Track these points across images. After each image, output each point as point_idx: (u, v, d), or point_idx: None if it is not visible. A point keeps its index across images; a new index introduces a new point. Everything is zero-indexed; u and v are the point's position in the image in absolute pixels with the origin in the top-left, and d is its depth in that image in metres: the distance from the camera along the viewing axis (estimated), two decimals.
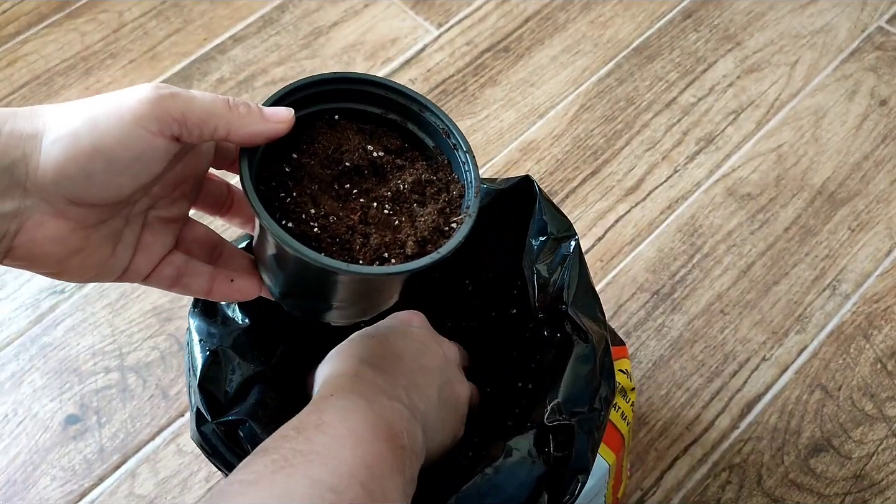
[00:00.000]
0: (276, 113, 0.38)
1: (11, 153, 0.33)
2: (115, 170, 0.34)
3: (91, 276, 0.39)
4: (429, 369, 0.46)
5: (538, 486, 0.39)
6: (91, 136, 0.34)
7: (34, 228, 0.35)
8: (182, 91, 0.35)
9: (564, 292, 0.44)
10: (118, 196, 0.36)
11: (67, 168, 0.34)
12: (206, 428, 0.43)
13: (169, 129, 0.35)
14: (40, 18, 0.95)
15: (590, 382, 0.42)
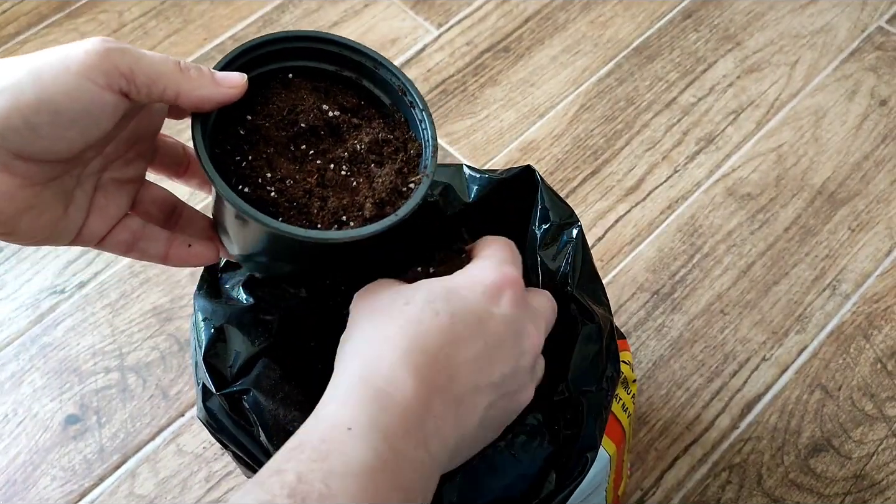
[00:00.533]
0: (227, 78, 0.37)
1: None
2: (61, 123, 0.34)
3: (43, 237, 0.38)
4: (483, 387, 0.36)
5: (546, 464, 0.40)
6: (34, 87, 0.33)
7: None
8: (132, 48, 0.35)
9: (569, 277, 0.44)
10: (68, 151, 0.35)
11: (11, 120, 0.33)
12: (212, 403, 0.43)
13: (117, 83, 0.34)
14: (40, 18, 0.95)
15: (597, 362, 0.42)
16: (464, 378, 0.36)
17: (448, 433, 0.35)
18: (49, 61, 0.33)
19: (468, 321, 0.36)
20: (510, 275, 0.38)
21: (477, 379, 0.36)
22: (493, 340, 0.37)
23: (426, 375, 0.35)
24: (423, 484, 0.34)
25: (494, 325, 0.37)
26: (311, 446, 0.32)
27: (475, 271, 0.38)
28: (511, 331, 0.37)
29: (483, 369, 0.36)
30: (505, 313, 0.37)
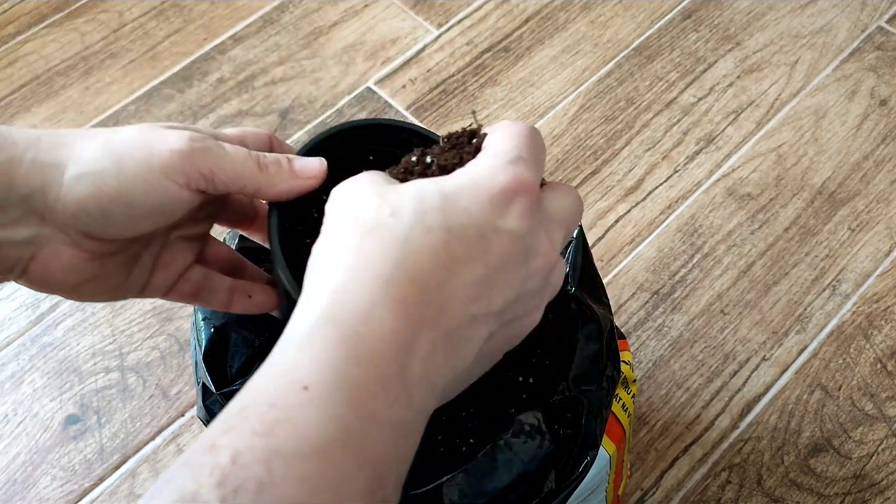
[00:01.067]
0: (306, 168, 0.37)
1: (32, 182, 0.33)
2: (134, 214, 0.34)
3: (107, 298, 0.38)
4: (481, 317, 0.30)
5: (546, 463, 0.40)
6: (117, 178, 0.33)
7: (49, 257, 0.35)
8: (215, 146, 0.35)
9: (569, 276, 0.44)
10: (135, 235, 0.35)
11: (88, 206, 0.33)
12: (212, 402, 0.43)
13: (195, 183, 0.34)
14: (40, 18, 0.95)
15: (597, 362, 0.42)
16: (457, 309, 0.30)
17: (436, 375, 0.29)
18: (133, 154, 0.33)
19: (467, 239, 0.30)
20: (523, 177, 0.31)
21: (474, 309, 0.30)
22: (497, 262, 0.30)
23: (412, 311, 0.28)
24: (401, 450, 0.28)
25: (499, 244, 0.30)
26: (256, 413, 0.25)
27: (481, 171, 0.31)
28: (519, 250, 0.31)
29: (481, 297, 0.30)
30: (512, 228, 0.31)
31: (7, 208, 0.33)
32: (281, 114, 0.86)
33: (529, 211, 0.31)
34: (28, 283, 0.36)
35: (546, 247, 0.32)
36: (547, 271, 0.32)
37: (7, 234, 0.33)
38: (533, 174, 0.32)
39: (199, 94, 0.88)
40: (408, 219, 0.30)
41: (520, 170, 0.31)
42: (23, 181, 0.33)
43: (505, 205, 0.31)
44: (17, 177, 0.32)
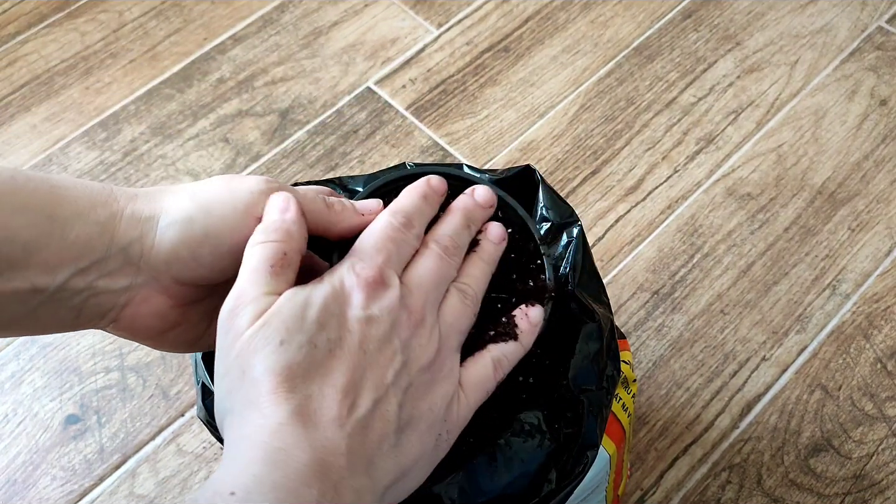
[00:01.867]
0: (366, 206, 0.40)
1: (130, 234, 0.35)
2: (220, 254, 0.36)
3: (186, 348, 0.41)
4: (378, 399, 0.33)
5: (546, 463, 0.40)
6: (204, 222, 0.36)
7: (140, 303, 0.37)
8: (288, 187, 0.38)
9: (569, 277, 0.44)
10: (220, 278, 0.37)
11: (179, 250, 0.36)
12: (211, 402, 0.43)
13: None
14: (40, 18, 0.95)
15: (597, 361, 0.42)
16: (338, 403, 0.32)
17: (362, 463, 0.32)
18: (218, 198, 0.36)
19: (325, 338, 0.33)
20: (355, 280, 0.34)
21: (363, 398, 0.33)
22: (359, 356, 0.33)
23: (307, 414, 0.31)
24: None
25: (358, 338, 0.33)
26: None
27: (327, 279, 0.35)
28: (375, 336, 0.34)
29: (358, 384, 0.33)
30: (361, 319, 0.34)
31: (108, 259, 0.35)
32: (281, 114, 0.86)
33: (372, 301, 0.34)
34: (116, 329, 0.38)
35: (406, 320, 0.35)
36: (411, 331, 0.35)
37: (107, 284, 0.36)
38: (372, 271, 0.35)
39: (199, 94, 0.88)
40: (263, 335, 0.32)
41: (357, 272, 0.35)
42: (122, 234, 0.35)
43: (347, 305, 0.34)
44: (117, 230, 0.35)
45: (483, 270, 0.40)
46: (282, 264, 0.34)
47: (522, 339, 0.39)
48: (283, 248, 0.35)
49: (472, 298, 0.38)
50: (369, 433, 0.32)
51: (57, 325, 0.36)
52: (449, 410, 0.36)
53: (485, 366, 0.38)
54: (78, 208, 0.35)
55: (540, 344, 0.44)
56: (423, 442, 0.34)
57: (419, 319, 0.35)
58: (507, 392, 0.44)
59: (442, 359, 0.36)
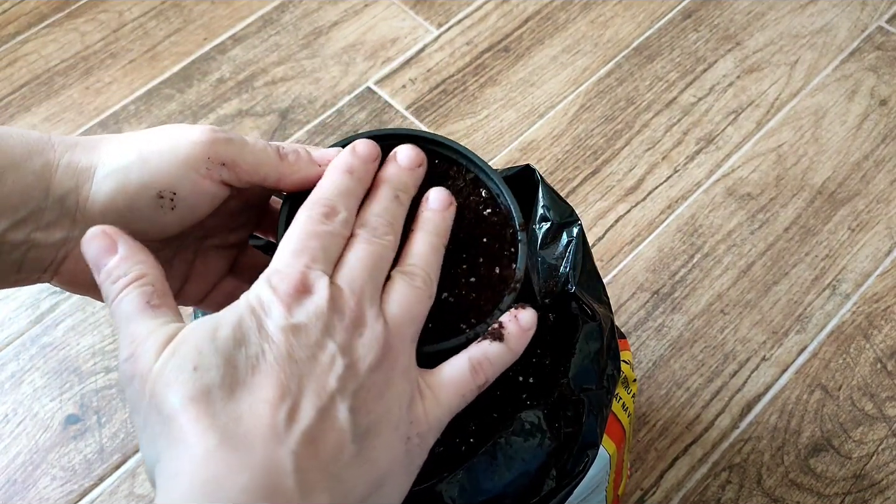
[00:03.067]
0: (325, 156, 0.38)
1: (66, 184, 0.34)
2: (158, 206, 0.35)
3: None
4: (327, 395, 0.30)
5: (547, 462, 0.40)
6: (141, 171, 0.34)
7: (80, 257, 0.35)
8: (236, 137, 0.36)
9: (570, 276, 0.44)
10: (163, 234, 0.36)
11: (116, 201, 0.34)
12: None
13: (218, 173, 0.35)
14: (40, 18, 0.95)
15: (598, 360, 0.42)
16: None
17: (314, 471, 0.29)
18: (157, 148, 0.34)
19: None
20: (271, 293, 0.31)
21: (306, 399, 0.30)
22: (288, 366, 0.30)
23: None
24: None
25: (284, 348, 0.30)
26: None
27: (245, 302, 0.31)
28: (305, 343, 0.31)
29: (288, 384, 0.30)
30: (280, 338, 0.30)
31: (44, 211, 0.34)
32: (281, 114, 0.86)
33: (296, 307, 0.31)
34: (60, 283, 0.37)
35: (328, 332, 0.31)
36: (348, 334, 0.31)
37: (44, 236, 0.34)
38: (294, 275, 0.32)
39: (199, 94, 0.88)
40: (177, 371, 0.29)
41: (273, 283, 0.32)
42: (58, 184, 0.34)
43: (266, 317, 0.31)
44: (53, 180, 0.34)
45: (430, 244, 0.36)
46: (158, 296, 0.32)
47: (510, 343, 0.36)
48: (147, 281, 0.32)
49: (421, 279, 0.34)
50: (320, 445, 0.29)
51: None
52: (412, 411, 0.32)
53: (459, 366, 0.34)
54: (13, 158, 0.33)
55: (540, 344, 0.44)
56: (390, 447, 0.31)
57: (356, 318, 0.32)
58: (507, 392, 0.44)
59: (395, 354, 0.32)
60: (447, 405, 0.34)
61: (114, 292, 0.32)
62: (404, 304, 0.33)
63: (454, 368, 0.34)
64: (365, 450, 0.30)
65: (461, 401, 0.34)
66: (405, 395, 0.32)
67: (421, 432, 0.32)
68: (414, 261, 0.35)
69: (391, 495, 0.32)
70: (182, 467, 0.27)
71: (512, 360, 0.36)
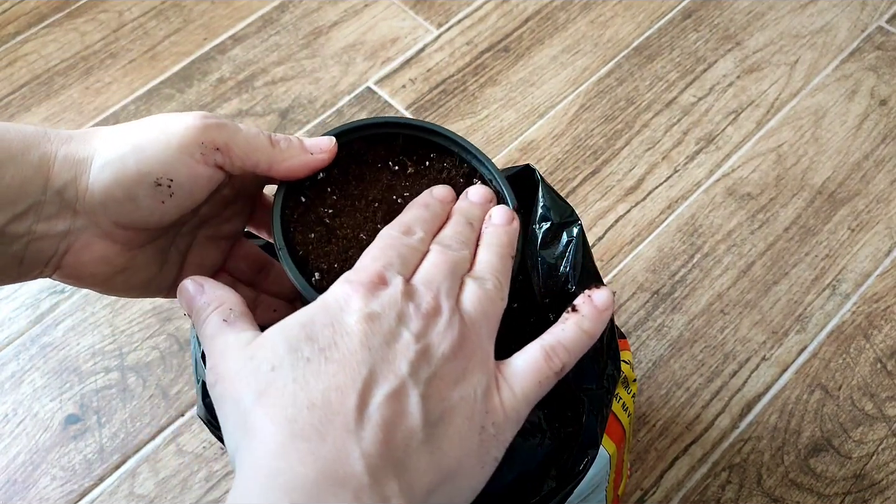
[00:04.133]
0: (316, 144, 0.38)
1: (64, 176, 0.35)
2: (156, 193, 0.35)
3: (137, 292, 0.40)
4: (392, 392, 0.30)
5: (547, 462, 0.40)
6: (137, 160, 0.35)
7: (82, 249, 0.36)
8: (228, 122, 0.36)
9: (570, 276, 0.44)
10: (162, 221, 0.36)
11: (114, 191, 0.35)
12: (210, 401, 0.43)
13: (212, 157, 0.36)
14: (40, 18, 0.95)
15: (598, 360, 0.42)
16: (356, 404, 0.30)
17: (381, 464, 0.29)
18: (151, 135, 0.35)
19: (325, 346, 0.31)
20: (347, 287, 0.33)
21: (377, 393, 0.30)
22: (362, 354, 0.31)
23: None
24: None
25: (358, 337, 0.31)
26: None
27: (329, 294, 0.33)
28: (379, 331, 0.31)
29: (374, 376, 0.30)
30: (357, 318, 0.31)
31: (44, 203, 0.35)
32: (281, 114, 0.86)
33: (370, 299, 0.32)
34: (62, 276, 0.37)
35: (404, 328, 0.32)
36: (424, 322, 0.32)
37: (46, 228, 0.35)
38: (365, 275, 0.33)
39: (199, 94, 0.88)
40: (287, 364, 0.31)
41: (350, 279, 0.33)
42: (57, 176, 0.35)
43: (346, 307, 0.32)
44: (52, 172, 0.34)
45: (496, 253, 0.37)
46: (234, 314, 0.33)
47: (583, 325, 0.36)
48: (224, 306, 0.34)
49: (491, 282, 0.35)
50: (390, 431, 0.29)
51: (1, 274, 0.36)
52: (488, 400, 0.32)
53: (532, 353, 0.34)
54: (10, 151, 0.34)
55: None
56: (462, 436, 0.31)
57: (432, 308, 0.33)
58: None
59: (471, 346, 0.33)
60: (524, 395, 0.33)
61: (200, 322, 0.34)
62: (478, 303, 0.34)
63: (528, 357, 0.34)
64: (435, 437, 0.30)
65: (539, 389, 0.34)
66: (481, 385, 0.32)
67: (497, 422, 0.32)
68: (482, 267, 0.36)
69: (462, 490, 0.32)
70: (257, 460, 0.28)
71: (589, 343, 0.36)
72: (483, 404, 0.32)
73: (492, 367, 0.33)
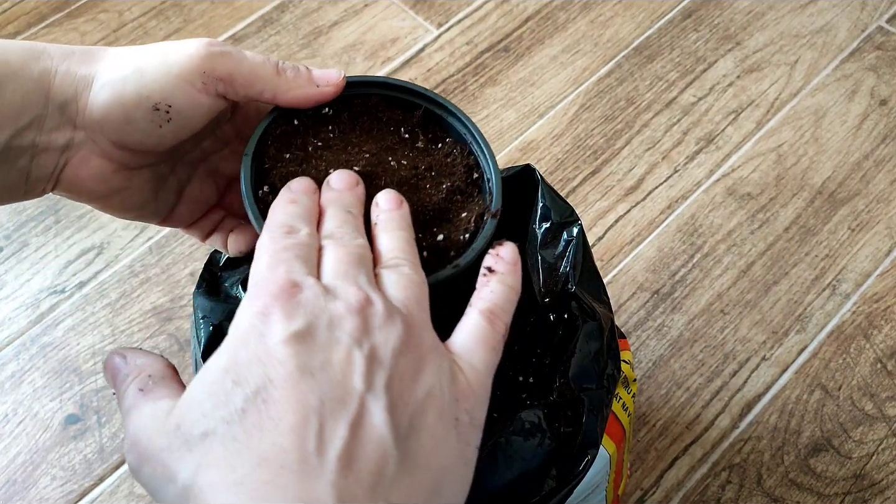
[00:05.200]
0: (324, 76, 0.38)
1: (66, 91, 0.35)
2: (154, 117, 0.35)
3: (133, 215, 0.40)
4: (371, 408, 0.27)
5: (547, 462, 0.40)
6: (137, 83, 0.35)
7: (80, 164, 0.36)
8: (233, 50, 0.36)
9: (570, 276, 0.44)
10: (159, 146, 0.36)
11: (112, 111, 0.35)
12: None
13: (214, 86, 0.35)
14: (40, 18, 0.95)
15: (598, 360, 0.42)
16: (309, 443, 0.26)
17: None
18: (154, 60, 0.35)
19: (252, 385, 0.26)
20: (268, 296, 0.28)
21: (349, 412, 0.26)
22: (303, 383, 0.27)
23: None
24: None
25: (292, 364, 0.27)
26: None
27: (234, 322, 0.29)
28: (312, 349, 0.27)
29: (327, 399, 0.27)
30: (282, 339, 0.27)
31: (46, 116, 0.35)
32: None
33: (292, 312, 0.28)
34: (60, 191, 0.38)
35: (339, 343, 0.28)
36: (358, 317, 0.28)
37: (48, 141, 0.35)
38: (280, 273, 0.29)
39: None
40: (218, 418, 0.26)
41: (264, 280, 0.29)
42: (58, 90, 0.35)
43: (267, 327, 0.28)
44: (52, 86, 0.35)
45: (399, 237, 0.33)
46: (153, 381, 0.30)
47: (505, 281, 0.33)
48: (142, 374, 0.31)
49: (407, 266, 0.32)
50: (360, 465, 0.25)
51: (10, 191, 0.36)
52: (455, 385, 0.29)
53: (475, 322, 0.31)
54: (11, 66, 0.34)
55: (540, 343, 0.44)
56: (439, 439, 0.28)
57: (362, 299, 0.28)
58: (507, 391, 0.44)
59: (417, 334, 0.29)
60: (484, 365, 0.31)
61: (120, 395, 0.31)
62: (403, 289, 0.30)
63: (472, 327, 0.31)
64: (411, 453, 0.26)
65: (495, 356, 0.31)
66: (443, 371, 0.29)
67: (469, 407, 0.29)
68: (392, 254, 0.32)
69: (454, 496, 0.28)
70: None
71: (516, 297, 0.33)
72: (451, 391, 0.29)
73: (443, 349, 0.30)
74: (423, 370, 0.28)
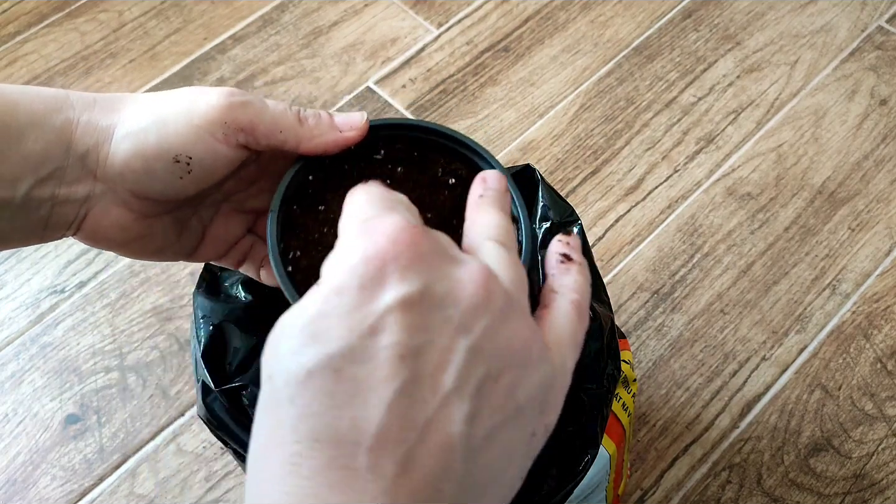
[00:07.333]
0: (347, 121, 0.37)
1: (86, 142, 0.35)
2: (175, 168, 0.35)
3: (156, 257, 0.40)
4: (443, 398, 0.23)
5: (547, 462, 0.40)
6: (158, 134, 0.34)
7: (100, 215, 0.36)
8: (254, 100, 0.35)
9: None
10: (179, 196, 0.36)
11: (132, 163, 0.35)
12: (212, 399, 0.43)
13: (235, 137, 0.35)
14: (40, 18, 0.95)
15: (598, 360, 0.42)
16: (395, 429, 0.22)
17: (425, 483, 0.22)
18: (175, 111, 0.35)
19: (354, 351, 0.23)
20: (383, 238, 0.24)
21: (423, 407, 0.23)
22: (400, 347, 0.23)
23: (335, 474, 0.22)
24: None
25: (391, 326, 0.23)
26: None
27: (336, 258, 0.25)
28: (418, 315, 0.23)
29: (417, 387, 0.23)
30: (392, 303, 0.23)
31: (66, 168, 0.35)
32: None
33: (409, 267, 0.24)
34: (82, 238, 0.37)
35: (460, 275, 0.24)
36: (478, 295, 0.24)
37: (68, 193, 0.35)
38: (401, 220, 0.25)
39: None
40: (281, 380, 0.24)
41: (379, 228, 0.25)
42: (79, 141, 0.34)
43: (378, 280, 0.23)
44: (74, 137, 0.34)
45: (503, 216, 0.29)
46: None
47: (584, 272, 0.29)
48: None
49: (513, 247, 0.28)
50: (416, 473, 0.22)
51: (27, 236, 0.36)
52: (548, 396, 0.25)
53: (566, 314, 0.27)
54: (34, 116, 0.34)
55: None
56: (509, 455, 0.24)
57: (485, 271, 0.24)
58: None
59: (529, 330, 0.25)
60: (572, 367, 0.27)
61: None
62: (509, 268, 0.26)
63: (565, 319, 0.27)
64: (477, 470, 0.23)
65: (578, 355, 0.27)
66: (545, 382, 0.25)
67: (549, 421, 0.25)
68: (499, 230, 0.29)
69: (499, 499, 0.25)
70: None
71: (590, 284, 0.30)
72: (541, 405, 0.25)
73: (549, 356, 0.26)
74: (523, 380, 0.24)
